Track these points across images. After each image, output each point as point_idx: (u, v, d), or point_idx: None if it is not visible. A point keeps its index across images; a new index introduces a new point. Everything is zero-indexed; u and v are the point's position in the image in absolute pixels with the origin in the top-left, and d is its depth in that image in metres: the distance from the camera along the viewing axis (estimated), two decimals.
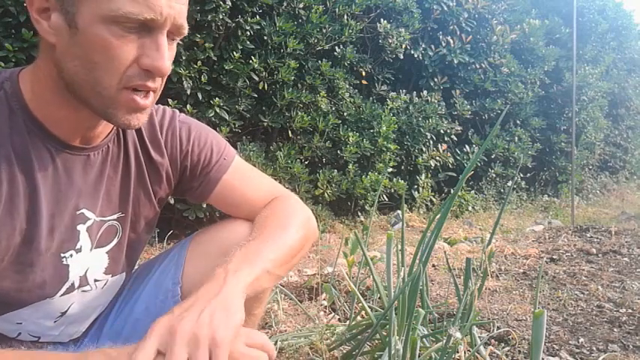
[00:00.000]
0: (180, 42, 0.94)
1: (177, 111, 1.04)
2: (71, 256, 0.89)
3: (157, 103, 0.93)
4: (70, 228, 0.88)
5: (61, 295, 0.90)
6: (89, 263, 0.92)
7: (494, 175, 5.57)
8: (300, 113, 3.74)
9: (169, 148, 0.99)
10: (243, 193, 1.05)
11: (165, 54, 0.77)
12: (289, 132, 3.83)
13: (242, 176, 1.06)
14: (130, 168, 0.95)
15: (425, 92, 4.81)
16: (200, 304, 0.73)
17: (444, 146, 4.91)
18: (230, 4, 3.15)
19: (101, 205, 0.91)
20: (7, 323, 0.90)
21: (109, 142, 0.91)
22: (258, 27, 3.42)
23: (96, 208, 0.91)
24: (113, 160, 0.92)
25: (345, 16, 4.04)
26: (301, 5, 3.69)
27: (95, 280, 0.95)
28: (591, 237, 3.77)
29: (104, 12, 0.72)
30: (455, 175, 5.04)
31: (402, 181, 4.40)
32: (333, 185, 3.94)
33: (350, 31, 4.01)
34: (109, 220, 0.94)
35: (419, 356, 1.22)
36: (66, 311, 0.93)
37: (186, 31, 0.81)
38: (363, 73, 4.41)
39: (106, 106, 0.78)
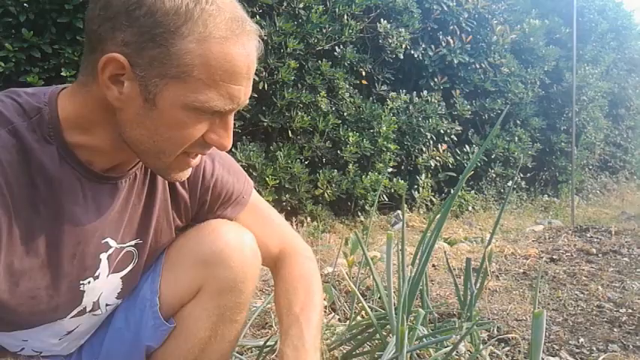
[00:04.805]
0: None
1: None
2: (89, 283, 0.88)
3: None
4: (93, 256, 0.87)
5: (72, 317, 0.91)
6: (103, 288, 0.92)
7: (494, 175, 5.57)
8: (300, 113, 3.74)
9: (192, 181, 0.97)
10: (256, 236, 1.03)
11: (231, 133, 0.80)
12: (289, 132, 3.83)
13: (256, 217, 1.06)
14: (156, 196, 0.94)
15: (425, 92, 4.81)
16: None
17: (444, 146, 4.91)
18: None
19: (123, 232, 0.91)
20: (13, 339, 0.90)
21: (137, 170, 0.90)
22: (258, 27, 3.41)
23: (118, 236, 0.90)
24: (139, 187, 0.91)
25: (345, 16, 4.04)
26: (301, 5, 3.69)
27: (107, 305, 0.95)
28: (591, 237, 3.76)
29: (189, 100, 0.73)
30: (455, 175, 5.04)
31: (402, 181, 4.39)
32: (333, 185, 3.93)
33: (350, 31, 4.01)
34: (127, 247, 0.93)
35: (419, 357, 1.22)
36: (72, 330, 0.94)
37: None
38: (363, 73, 4.40)
39: (160, 168, 0.82)
